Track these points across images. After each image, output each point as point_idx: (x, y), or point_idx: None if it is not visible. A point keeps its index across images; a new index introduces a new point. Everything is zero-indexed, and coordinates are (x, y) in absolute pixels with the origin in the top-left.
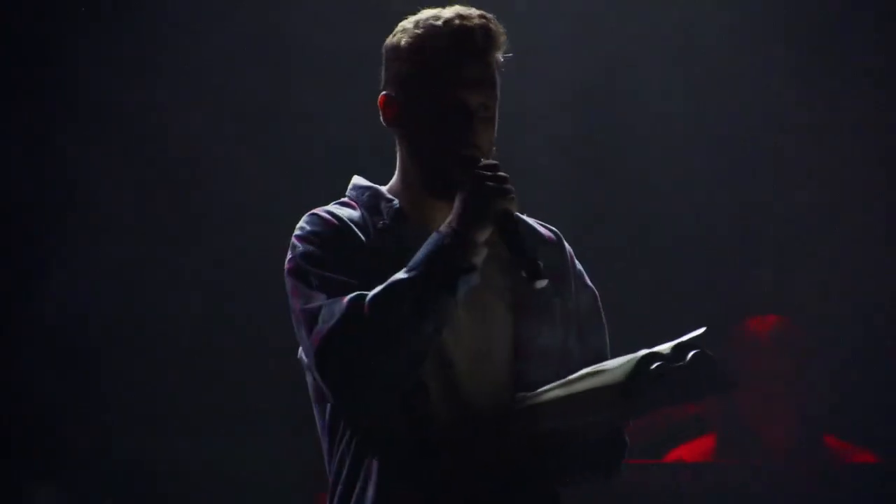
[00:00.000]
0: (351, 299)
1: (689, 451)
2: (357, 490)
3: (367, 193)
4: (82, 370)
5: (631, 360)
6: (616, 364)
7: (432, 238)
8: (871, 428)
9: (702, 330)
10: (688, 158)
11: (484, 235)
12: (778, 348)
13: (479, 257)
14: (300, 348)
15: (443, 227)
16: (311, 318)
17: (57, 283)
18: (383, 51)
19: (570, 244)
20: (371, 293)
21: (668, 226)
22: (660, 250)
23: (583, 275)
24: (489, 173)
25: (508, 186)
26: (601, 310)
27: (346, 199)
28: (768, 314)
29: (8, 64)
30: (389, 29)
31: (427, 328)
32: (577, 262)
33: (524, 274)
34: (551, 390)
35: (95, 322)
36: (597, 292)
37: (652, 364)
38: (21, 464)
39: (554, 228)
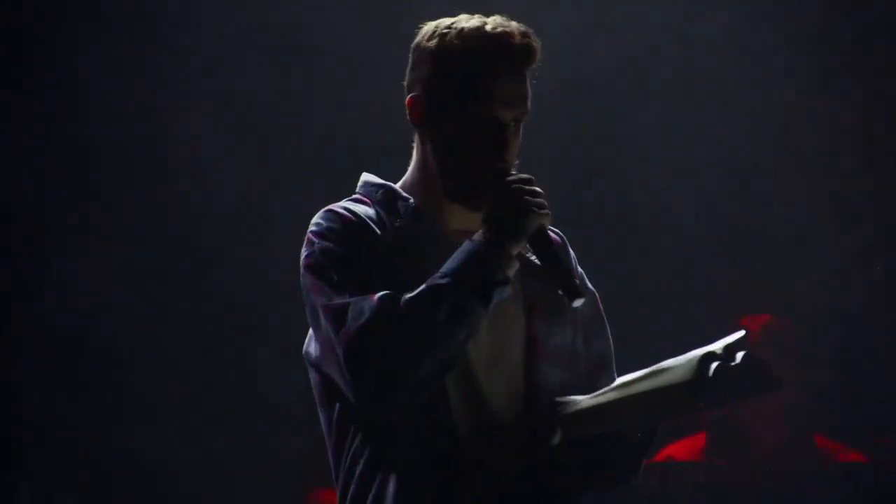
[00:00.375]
0: (381, 298)
1: (679, 450)
2: (375, 489)
3: (380, 191)
4: (82, 371)
5: (693, 359)
6: (676, 364)
7: (467, 246)
8: (861, 427)
9: (742, 333)
10: (687, 158)
11: (518, 249)
12: (770, 347)
13: (513, 270)
14: (307, 344)
15: (477, 237)
16: (338, 315)
17: (56, 284)
18: (414, 51)
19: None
20: (406, 295)
21: (664, 225)
22: (657, 250)
23: (584, 277)
24: (527, 187)
25: (544, 201)
26: (602, 312)
27: (358, 196)
28: (762, 313)
29: (8, 64)
30: (391, 29)
31: (460, 335)
32: (578, 265)
33: (561, 292)
34: (605, 394)
35: (94, 322)
36: (598, 295)
37: (711, 363)
38: (20, 464)
39: (559, 231)
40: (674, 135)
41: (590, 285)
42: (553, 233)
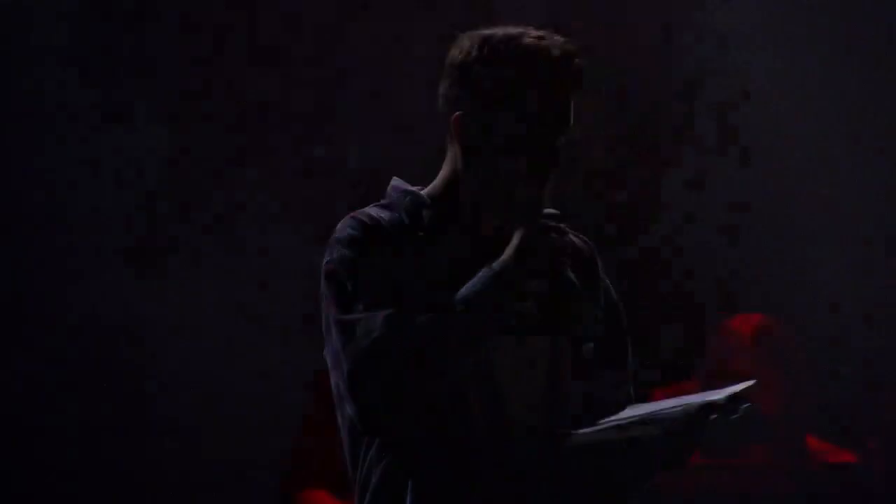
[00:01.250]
0: (390, 318)
1: None
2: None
3: (408, 198)
4: (70, 373)
5: (690, 409)
6: (673, 412)
7: (485, 274)
8: (852, 428)
9: (751, 382)
10: (686, 158)
11: (536, 287)
12: (760, 347)
13: (527, 304)
14: (327, 346)
15: (497, 265)
16: (348, 330)
17: (52, 285)
18: (460, 66)
19: None
20: (416, 319)
21: (659, 224)
22: (652, 250)
23: (609, 288)
24: (553, 223)
25: (567, 259)
26: (623, 323)
27: (386, 202)
28: (753, 313)
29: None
30: (390, 29)
31: (467, 363)
32: (604, 275)
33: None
34: (603, 430)
35: (88, 324)
36: (621, 307)
37: (709, 414)
38: (17, 465)
39: (588, 240)
40: (669, 133)
41: (614, 296)
42: (582, 241)
